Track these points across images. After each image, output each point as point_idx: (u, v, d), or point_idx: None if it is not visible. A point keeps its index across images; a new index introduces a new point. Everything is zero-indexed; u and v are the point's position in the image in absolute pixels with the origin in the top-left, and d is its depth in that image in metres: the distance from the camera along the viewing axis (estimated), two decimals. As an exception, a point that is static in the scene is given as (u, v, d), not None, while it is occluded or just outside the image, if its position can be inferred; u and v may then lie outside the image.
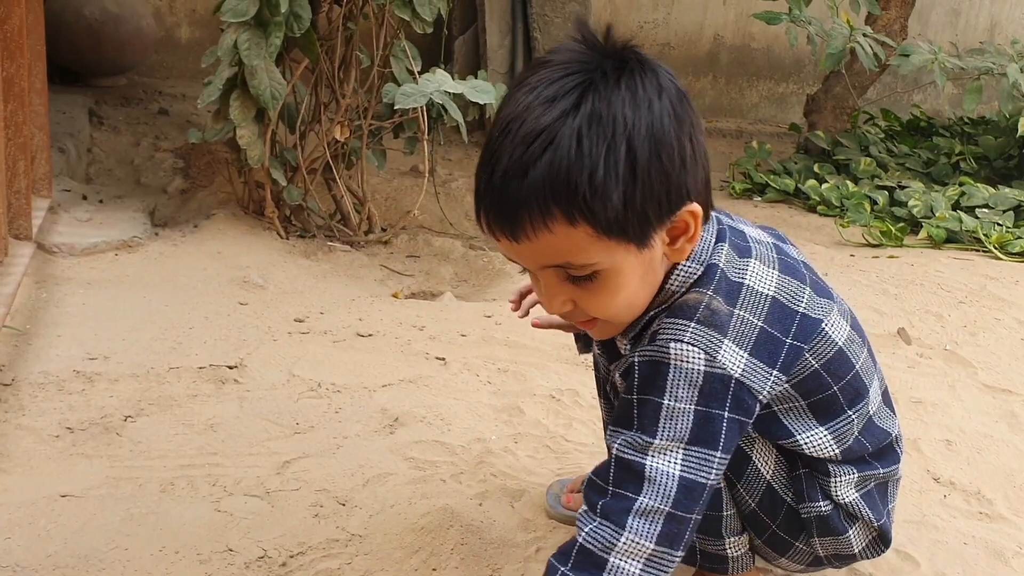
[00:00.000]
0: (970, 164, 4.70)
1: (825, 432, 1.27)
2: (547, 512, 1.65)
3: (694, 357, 1.12)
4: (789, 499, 1.32)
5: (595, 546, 1.12)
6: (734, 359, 1.14)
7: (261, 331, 2.30)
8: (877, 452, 1.33)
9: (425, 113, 2.77)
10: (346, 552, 1.50)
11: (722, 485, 1.31)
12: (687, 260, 1.17)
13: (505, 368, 2.22)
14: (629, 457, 1.13)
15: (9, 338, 2.12)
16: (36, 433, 1.76)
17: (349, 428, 1.89)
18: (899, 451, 1.38)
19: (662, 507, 1.11)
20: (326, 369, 2.13)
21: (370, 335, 2.32)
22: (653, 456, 1.12)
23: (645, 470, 1.12)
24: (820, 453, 1.28)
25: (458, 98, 2.66)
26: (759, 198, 4.28)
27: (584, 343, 1.58)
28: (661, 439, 1.12)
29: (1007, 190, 4.06)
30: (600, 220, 1.05)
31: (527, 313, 1.54)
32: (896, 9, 4.78)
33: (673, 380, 1.12)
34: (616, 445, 1.15)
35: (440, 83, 2.53)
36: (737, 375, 1.13)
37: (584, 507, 1.16)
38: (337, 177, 2.96)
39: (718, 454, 1.14)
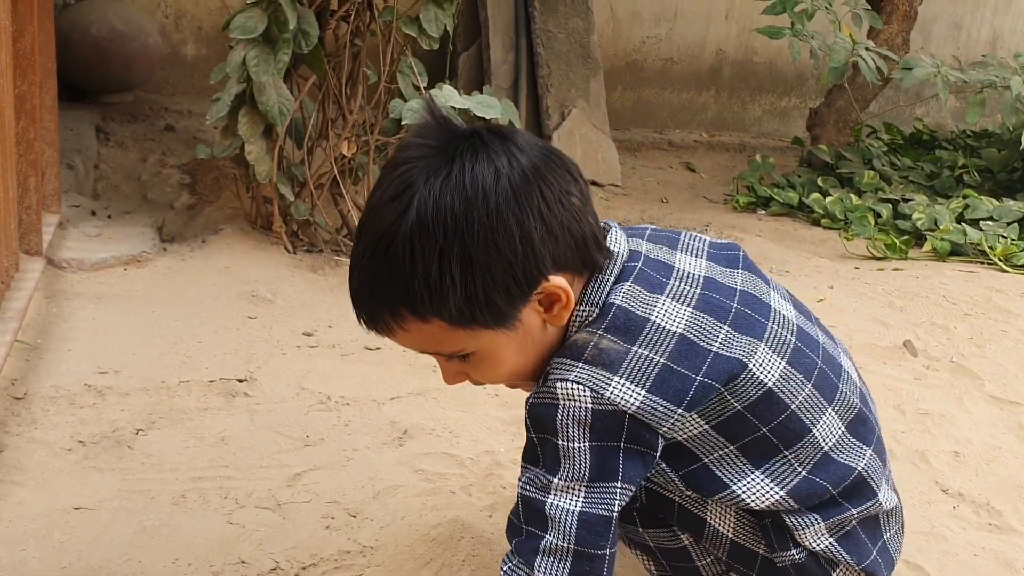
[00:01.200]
0: (973, 177, 4.71)
1: (762, 476, 1.20)
2: (557, 524, 1.66)
3: (580, 394, 1.11)
4: (761, 551, 1.27)
5: None
6: (627, 396, 1.11)
7: (270, 345, 2.31)
8: (844, 491, 1.24)
9: (431, 128, 2.78)
10: (358, 564, 1.51)
11: (687, 542, 1.30)
12: (583, 304, 1.16)
13: (513, 381, 2.23)
14: (532, 495, 1.15)
15: (21, 352, 2.13)
16: (49, 446, 1.77)
17: (359, 440, 1.90)
18: (875, 485, 1.27)
19: (567, 545, 1.12)
20: (335, 382, 2.14)
21: (378, 348, 2.34)
22: (554, 495, 1.13)
23: (546, 508, 1.13)
24: (763, 501, 1.21)
25: (463, 113, 2.68)
26: (763, 211, 4.30)
27: None
28: (561, 479, 1.12)
29: (1011, 203, 4.07)
30: (448, 317, 1.09)
31: None
32: (898, 23, 4.80)
33: (562, 419, 1.11)
34: (521, 482, 1.17)
35: (447, 98, 2.55)
36: (632, 411, 1.11)
37: (508, 540, 1.18)
38: (344, 192, 2.98)
39: (618, 485, 1.13)
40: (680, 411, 1.13)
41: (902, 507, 1.38)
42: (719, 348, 1.15)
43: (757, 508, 1.22)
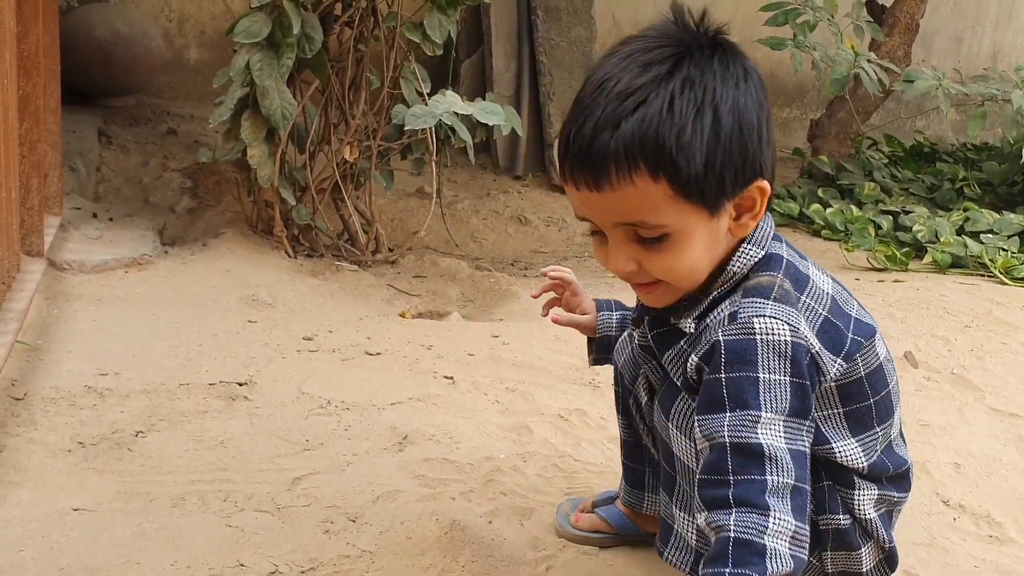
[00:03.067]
0: (974, 190, 4.72)
1: (856, 444, 1.29)
2: (557, 531, 1.65)
3: (779, 329, 1.14)
4: (810, 510, 1.31)
5: (750, 534, 1.06)
6: (810, 335, 1.18)
7: (270, 349, 2.31)
8: (895, 476, 1.35)
9: (434, 135, 2.79)
10: (357, 568, 1.50)
11: None
12: (749, 243, 1.22)
13: (513, 388, 2.22)
14: (743, 440, 1.11)
15: (21, 353, 2.13)
16: (48, 447, 1.77)
17: (358, 445, 1.90)
18: (910, 481, 1.40)
19: (788, 481, 1.10)
20: (335, 387, 2.14)
21: (378, 353, 2.33)
22: (763, 432, 1.11)
23: (763, 449, 1.10)
24: (851, 463, 1.29)
25: (466, 120, 2.68)
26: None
27: (598, 351, 1.57)
28: (767, 412, 1.12)
29: (1011, 216, 4.08)
30: (681, 178, 1.12)
31: (547, 312, 1.58)
32: (900, 36, 4.82)
33: (764, 354, 1.13)
34: (723, 432, 1.12)
35: (450, 104, 2.56)
36: (815, 350, 1.18)
37: (707, 508, 1.11)
38: (346, 197, 2.98)
39: (807, 423, 1.16)
40: (839, 360, 1.22)
41: None
42: (856, 314, 1.28)
43: (837, 465, 1.29)
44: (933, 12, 6.06)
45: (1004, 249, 3.73)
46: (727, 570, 1.05)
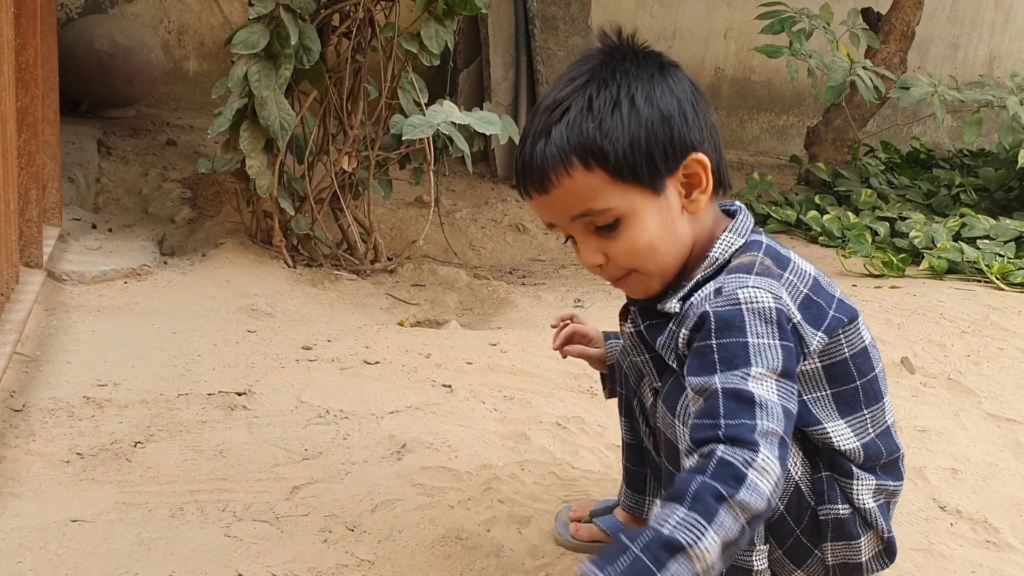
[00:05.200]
0: (970, 196, 4.73)
1: (845, 425, 1.33)
2: (555, 539, 1.66)
3: (763, 297, 1.19)
4: (812, 501, 1.35)
5: (736, 460, 1.06)
6: (791, 305, 1.23)
7: (269, 358, 2.31)
8: (888, 463, 1.38)
9: (431, 144, 2.80)
10: (355, 577, 1.51)
11: None
12: (730, 232, 1.29)
13: (511, 396, 2.23)
14: (736, 387, 1.13)
15: (20, 364, 2.13)
16: (47, 458, 1.77)
17: (357, 454, 1.90)
18: (902, 471, 1.42)
19: (777, 430, 1.11)
20: (334, 396, 2.14)
21: (377, 362, 2.34)
22: (755, 384, 1.14)
23: (755, 397, 1.12)
24: (843, 445, 1.32)
25: (463, 129, 2.69)
26: (761, 229, 4.30)
27: (611, 383, 1.61)
28: (757, 367, 1.15)
29: (1008, 221, 4.08)
30: (611, 162, 1.21)
31: (562, 345, 1.64)
32: (895, 43, 4.83)
33: (750, 321, 1.18)
34: (716, 383, 1.14)
35: (448, 114, 2.57)
36: (796, 320, 1.23)
37: (697, 446, 1.11)
38: (344, 207, 2.99)
39: (795, 386, 1.19)
40: (819, 334, 1.28)
41: None
42: (840, 296, 1.33)
43: (833, 450, 1.32)
44: (929, 19, 6.09)
45: (1000, 255, 3.73)
46: (702, 477, 1.05)
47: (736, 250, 1.29)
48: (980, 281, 3.59)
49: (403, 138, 2.62)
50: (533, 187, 1.26)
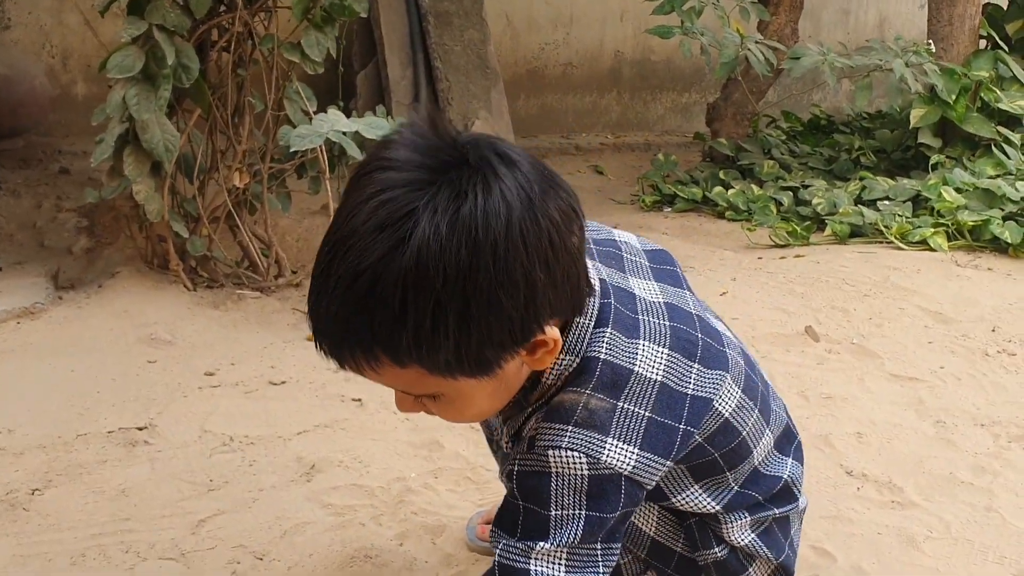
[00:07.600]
0: (869, 158, 4.83)
1: (700, 489, 1.24)
2: (467, 545, 1.65)
3: (575, 462, 1.08)
4: (679, 549, 1.31)
5: None
6: (622, 456, 1.09)
7: (171, 388, 2.26)
8: (770, 497, 1.31)
9: (324, 152, 2.76)
10: (264, 608, 1.48)
11: None
12: (563, 352, 1.11)
13: (422, 403, 2.21)
14: (512, 564, 1.10)
15: (-96, 421, 2.05)
16: (-64, 517, 1.71)
17: (264, 480, 1.87)
18: (796, 491, 1.36)
19: None
20: (238, 422, 2.10)
21: (283, 382, 2.30)
22: (537, 560, 1.09)
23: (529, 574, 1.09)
24: (700, 509, 1.26)
25: (355, 135, 2.65)
26: (669, 209, 4.35)
27: None
28: (551, 543, 1.09)
29: (905, 181, 4.19)
30: (430, 366, 1.01)
31: None
32: (785, 14, 4.91)
33: (557, 489, 1.08)
34: (498, 551, 1.12)
35: (334, 122, 2.53)
36: (627, 472, 1.09)
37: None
38: (240, 224, 2.93)
39: (599, 547, 1.11)
40: (668, 463, 1.14)
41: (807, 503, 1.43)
42: (693, 390, 1.15)
43: (692, 512, 1.26)
44: (818, -13, 6.21)
45: (899, 215, 3.83)
46: None
47: (570, 374, 1.12)
48: (881, 243, 3.67)
49: (291, 149, 2.57)
50: (336, 362, 1.05)
